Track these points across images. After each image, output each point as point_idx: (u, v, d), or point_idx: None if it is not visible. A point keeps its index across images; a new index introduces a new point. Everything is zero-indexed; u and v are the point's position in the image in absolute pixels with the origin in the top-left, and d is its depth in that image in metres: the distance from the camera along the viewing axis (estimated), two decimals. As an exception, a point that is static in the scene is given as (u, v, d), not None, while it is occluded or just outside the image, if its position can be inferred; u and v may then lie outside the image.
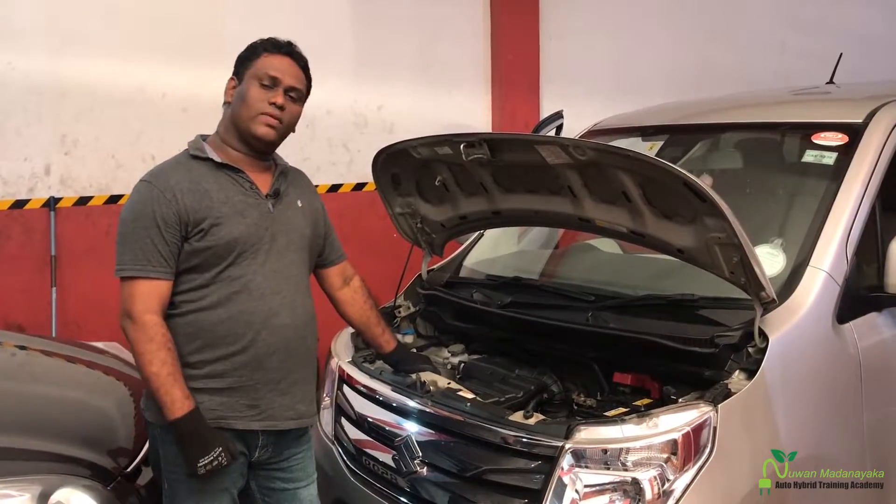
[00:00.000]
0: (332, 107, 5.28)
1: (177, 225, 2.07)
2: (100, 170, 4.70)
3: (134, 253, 2.06)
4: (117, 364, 3.07)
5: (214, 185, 2.12)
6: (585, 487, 2.03)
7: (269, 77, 2.14)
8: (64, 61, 4.53)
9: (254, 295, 2.12)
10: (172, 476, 2.17)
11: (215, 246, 2.09)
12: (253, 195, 2.17)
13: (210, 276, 2.10)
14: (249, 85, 2.15)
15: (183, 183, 2.10)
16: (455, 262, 3.22)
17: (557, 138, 2.73)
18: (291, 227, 2.22)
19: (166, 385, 2.02)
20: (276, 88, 2.15)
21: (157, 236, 2.05)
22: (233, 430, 2.14)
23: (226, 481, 2.16)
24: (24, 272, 4.52)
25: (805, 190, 2.71)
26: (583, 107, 4.80)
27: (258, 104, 2.14)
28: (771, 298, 2.10)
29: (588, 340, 2.43)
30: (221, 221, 2.09)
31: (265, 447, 2.22)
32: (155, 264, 2.06)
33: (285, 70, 2.17)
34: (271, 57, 2.17)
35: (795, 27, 7.00)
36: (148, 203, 2.07)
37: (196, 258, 2.09)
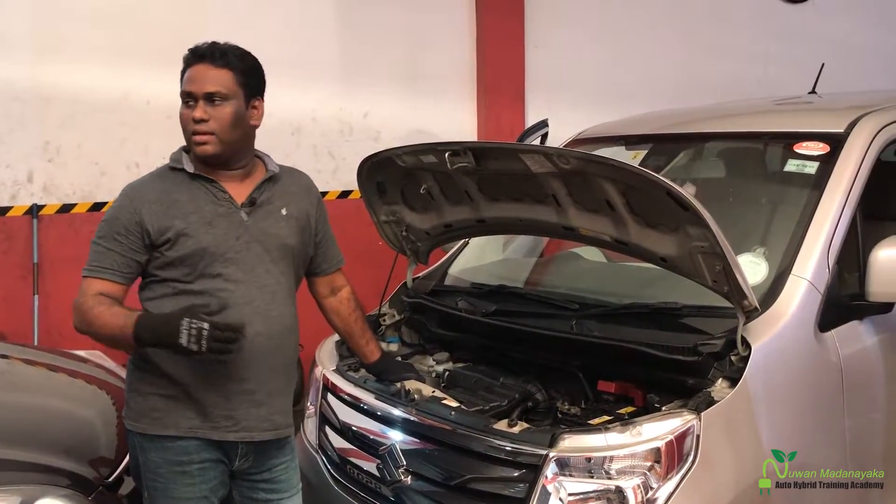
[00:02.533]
0: (318, 114, 5.28)
1: (136, 233, 2.09)
2: (83, 177, 4.67)
3: (92, 255, 2.13)
4: (100, 373, 3.04)
5: (186, 196, 2.13)
6: (569, 496, 2.03)
7: (185, 94, 2.12)
8: (47, 68, 4.50)
9: (224, 304, 2.09)
10: (152, 484, 2.16)
11: (183, 255, 2.09)
12: (226, 205, 2.15)
13: (181, 285, 2.11)
14: (181, 106, 2.14)
15: (153, 194, 2.12)
16: (440, 270, 3.22)
17: (541, 147, 2.75)
18: (268, 236, 2.19)
19: (112, 321, 2.03)
20: (195, 102, 2.11)
21: (112, 242, 2.10)
22: (206, 438, 2.13)
23: (205, 489, 2.16)
24: (7, 280, 4.48)
25: (787, 199, 2.73)
26: (568, 115, 4.83)
27: (187, 125, 2.13)
28: (753, 307, 2.12)
29: (572, 348, 2.44)
30: (188, 231, 2.10)
31: (245, 457, 2.20)
32: (107, 267, 2.10)
33: (198, 78, 2.10)
34: (188, 70, 2.13)
35: (779, 37, 7.07)
36: (115, 211, 2.14)
37: (166, 268, 2.11)
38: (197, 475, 2.14)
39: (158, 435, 2.12)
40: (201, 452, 2.14)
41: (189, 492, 2.14)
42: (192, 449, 2.13)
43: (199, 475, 2.15)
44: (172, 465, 2.13)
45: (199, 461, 2.14)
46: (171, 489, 2.13)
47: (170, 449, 2.12)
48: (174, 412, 2.11)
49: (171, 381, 2.11)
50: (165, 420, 2.12)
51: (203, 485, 2.15)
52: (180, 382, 2.11)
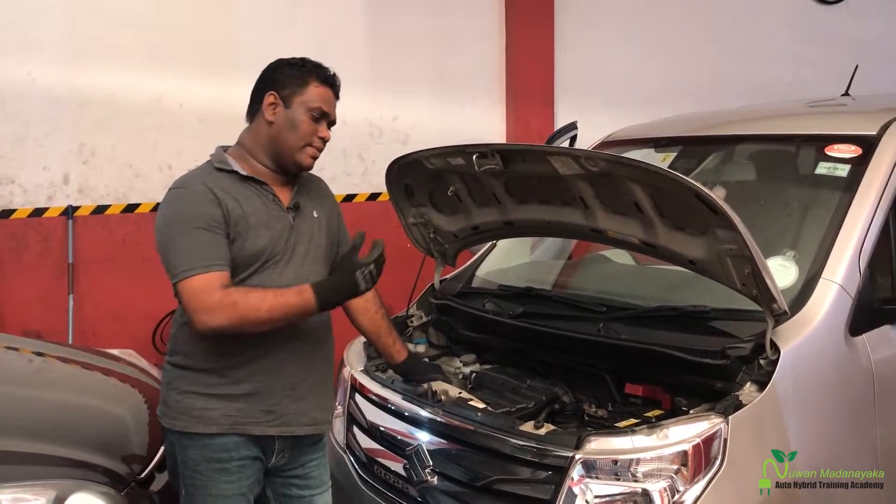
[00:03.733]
0: (348, 118, 5.26)
1: (223, 222, 2.09)
2: (117, 179, 4.75)
3: (189, 253, 2.05)
4: (132, 371, 3.09)
5: (241, 197, 2.15)
6: (595, 498, 2.03)
7: (320, 111, 2.20)
8: (82, 72, 4.59)
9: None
10: (190, 481, 2.19)
11: (241, 255, 2.12)
12: (276, 208, 2.20)
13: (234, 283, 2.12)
14: (299, 113, 2.18)
15: (219, 190, 2.12)
16: (467, 272, 3.23)
17: (570, 149, 2.74)
18: (309, 238, 2.25)
19: (285, 300, 2.05)
20: (323, 122, 2.22)
21: (208, 234, 2.06)
22: (249, 435, 2.16)
23: (243, 486, 2.19)
24: (42, 279, 4.57)
25: (818, 202, 2.70)
26: (597, 118, 4.81)
27: (309, 136, 2.19)
28: (783, 310, 2.10)
29: (600, 351, 2.43)
30: (248, 232, 2.12)
31: (281, 452, 2.24)
32: (214, 258, 2.05)
33: (332, 104, 2.24)
34: (321, 88, 2.21)
35: (811, 39, 6.98)
36: (195, 205, 2.08)
37: None
38: (236, 472, 2.17)
39: (198, 433, 2.15)
40: (240, 450, 2.17)
41: (227, 489, 2.17)
42: (231, 446, 2.16)
43: (238, 472, 2.18)
44: (212, 463, 2.16)
45: (238, 458, 2.17)
46: (210, 486, 2.16)
47: (209, 446, 2.15)
48: (214, 409, 2.14)
49: (215, 378, 2.14)
50: (206, 417, 2.14)
51: (241, 482, 2.19)
52: (224, 380, 2.14)
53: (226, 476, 2.17)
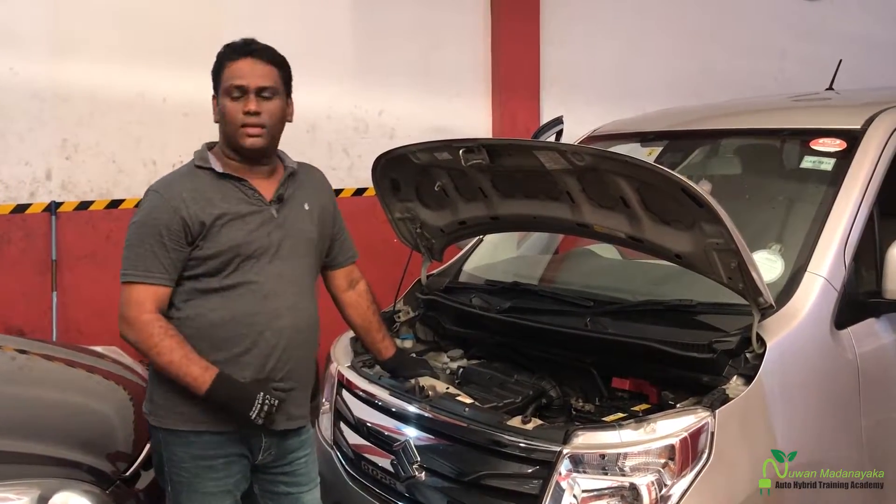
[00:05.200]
0: (333, 112, 5.29)
1: (181, 232, 2.10)
2: (101, 174, 4.70)
3: (136, 259, 2.10)
4: (117, 368, 3.07)
5: (217, 194, 2.15)
6: (583, 492, 2.03)
7: (235, 88, 2.13)
8: (65, 66, 4.54)
9: (256, 297, 2.14)
10: (177, 478, 2.18)
11: (218, 252, 2.12)
12: (256, 202, 2.18)
13: (214, 280, 2.13)
14: (223, 100, 2.15)
15: (186, 192, 2.13)
16: (454, 267, 3.23)
17: (556, 144, 2.74)
18: (296, 231, 2.23)
19: (182, 367, 2.06)
20: (246, 95, 2.13)
21: (158, 244, 2.09)
22: (233, 432, 2.16)
23: (229, 483, 2.19)
24: (25, 276, 4.52)
25: (803, 196, 2.72)
26: (583, 112, 4.82)
27: (235, 117, 2.14)
28: (769, 304, 2.11)
29: (587, 346, 2.44)
30: (223, 229, 2.12)
31: (268, 450, 2.23)
32: (153, 271, 2.10)
33: (248, 73, 2.14)
34: (233, 65, 2.14)
35: (796, 33, 7.02)
36: (153, 211, 2.12)
37: (201, 263, 2.13)
38: (222, 469, 2.17)
39: (184, 430, 2.15)
40: (226, 447, 2.17)
41: (213, 486, 2.17)
42: (216, 443, 2.16)
43: (224, 469, 2.18)
44: (198, 460, 2.16)
45: (224, 455, 2.17)
46: (195, 483, 2.16)
47: (195, 444, 2.15)
48: (199, 406, 2.12)
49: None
50: (190, 415, 2.14)
51: (227, 479, 2.18)
52: None
53: (212, 473, 2.16)
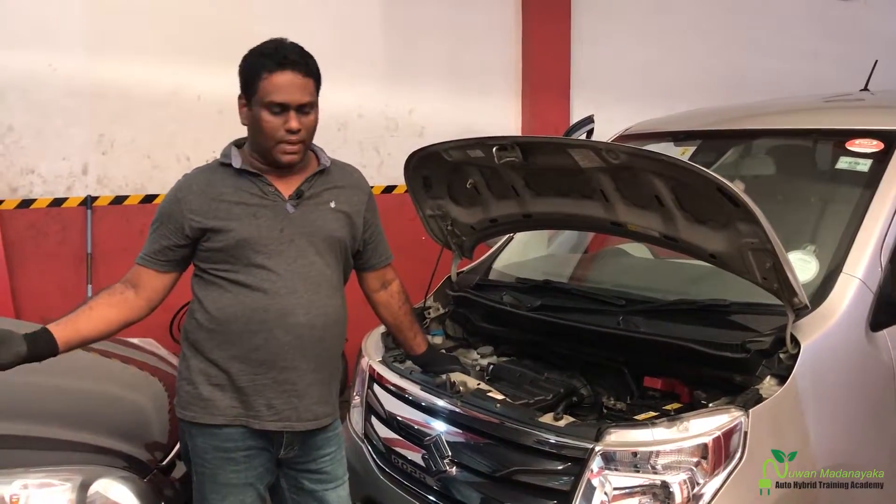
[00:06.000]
0: (364, 110, 5.33)
1: (178, 223, 2.15)
2: (135, 170, 4.78)
3: (146, 243, 2.22)
4: (151, 359, 3.12)
5: (231, 189, 2.16)
6: (615, 490, 2.04)
7: (276, 104, 2.07)
8: (102, 63, 4.62)
9: (268, 294, 2.13)
10: (199, 469, 2.21)
11: (226, 246, 2.13)
12: (271, 198, 2.17)
13: (228, 274, 2.15)
14: (260, 112, 2.08)
15: (197, 186, 2.16)
16: (484, 264, 3.23)
17: (591, 142, 2.74)
18: (315, 229, 2.20)
19: (69, 315, 2.13)
20: (287, 112, 2.08)
21: (157, 231, 2.19)
22: (251, 426, 2.18)
23: (250, 476, 2.20)
24: (61, 269, 4.61)
25: (838, 197, 2.70)
26: (613, 112, 4.80)
27: (274, 133, 2.09)
28: (803, 304, 2.10)
29: (618, 344, 2.44)
30: (231, 224, 2.12)
31: (290, 446, 2.23)
32: (150, 255, 2.19)
33: (291, 89, 2.07)
34: (274, 76, 2.06)
35: (829, 34, 6.95)
36: (164, 201, 2.21)
37: (211, 258, 2.16)
38: (242, 462, 2.19)
39: (205, 423, 2.17)
40: (246, 440, 2.18)
41: (234, 478, 2.18)
42: (237, 436, 2.17)
43: (245, 462, 2.19)
44: (219, 452, 2.18)
45: (245, 448, 2.18)
46: (217, 475, 2.18)
47: (216, 436, 2.17)
48: (220, 400, 2.15)
49: (218, 370, 2.16)
50: (212, 408, 2.16)
51: (249, 471, 2.20)
52: (226, 372, 2.15)
53: (232, 465, 2.18)
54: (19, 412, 2.40)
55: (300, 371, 2.17)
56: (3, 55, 4.39)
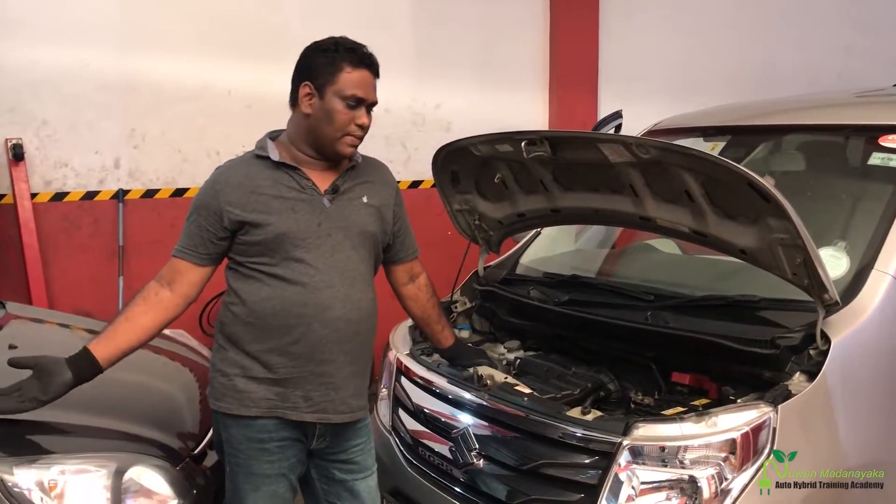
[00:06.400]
0: (391, 105, 5.34)
1: (217, 216, 2.16)
2: (166, 164, 4.85)
3: (181, 236, 2.22)
4: (183, 350, 3.17)
5: (268, 182, 2.18)
6: (642, 484, 2.04)
7: (355, 98, 2.15)
8: (134, 58, 4.68)
9: (306, 288, 2.16)
10: (233, 460, 2.24)
11: (265, 240, 2.15)
12: (308, 191, 2.20)
13: (266, 268, 2.17)
14: (334, 103, 2.15)
15: (236, 178, 2.18)
16: (511, 259, 3.24)
17: (620, 136, 2.74)
18: (350, 223, 2.23)
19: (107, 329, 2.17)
20: (360, 108, 2.17)
21: (195, 224, 2.19)
22: (288, 420, 2.20)
23: (283, 467, 2.23)
24: (94, 261, 4.69)
25: (870, 193, 2.67)
26: (642, 107, 4.78)
27: (345, 126, 2.16)
28: (834, 301, 2.09)
29: (646, 339, 2.44)
30: (269, 217, 2.15)
31: (322, 437, 2.26)
32: (183, 245, 2.20)
33: (368, 86, 2.18)
34: (354, 73, 2.15)
35: (861, 28, 6.84)
36: (201, 193, 2.23)
37: (249, 251, 2.17)
38: (276, 453, 2.22)
39: (240, 414, 2.20)
40: (280, 431, 2.21)
41: (268, 469, 2.21)
42: (271, 427, 2.20)
43: (279, 453, 2.22)
44: (253, 443, 2.20)
45: (279, 439, 2.21)
46: (251, 465, 2.21)
47: (251, 427, 2.20)
48: (255, 392, 2.18)
49: (255, 362, 2.18)
50: (247, 400, 2.19)
51: (282, 462, 2.23)
52: (263, 364, 2.18)
53: (266, 456, 2.21)
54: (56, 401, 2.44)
55: (337, 364, 2.20)
56: (38, 50, 4.46)
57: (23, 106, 4.50)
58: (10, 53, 4.43)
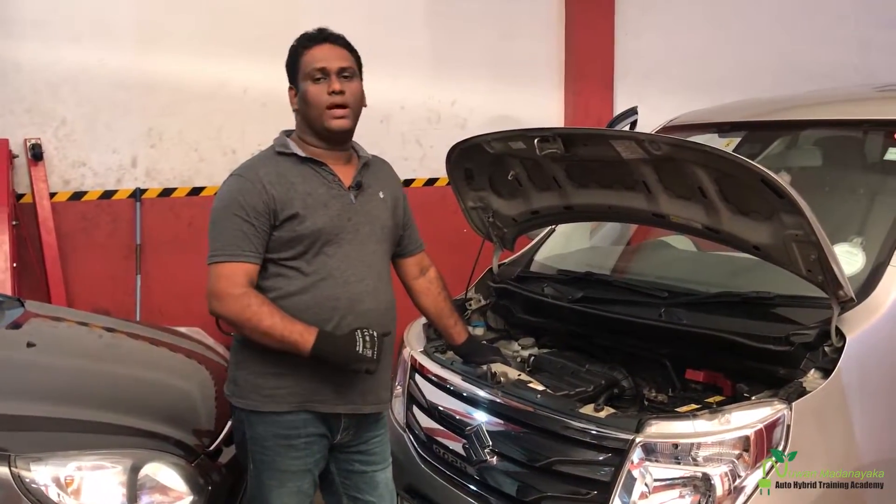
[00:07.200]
0: (406, 102, 5.36)
1: (266, 213, 2.15)
2: (183, 162, 4.88)
3: (223, 240, 2.15)
4: (199, 348, 3.19)
5: (299, 178, 2.20)
6: (655, 481, 2.03)
7: (317, 70, 2.19)
8: (151, 58, 4.73)
9: (338, 282, 2.19)
10: (259, 457, 2.25)
11: (300, 235, 2.17)
12: (336, 187, 2.23)
13: (297, 263, 2.18)
14: (305, 86, 2.20)
15: (271, 175, 2.18)
16: (526, 256, 3.24)
17: (632, 133, 2.73)
18: (373, 218, 2.28)
19: (287, 327, 2.10)
20: (329, 77, 2.19)
21: (244, 223, 2.14)
22: (317, 413, 2.22)
23: (309, 462, 2.25)
24: (111, 259, 4.73)
25: (887, 188, 2.65)
26: (657, 103, 4.76)
27: (320, 99, 2.19)
28: (849, 297, 2.07)
29: (660, 337, 2.43)
30: (306, 213, 2.17)
31: (347, 429, 2.29)
32: (243, 248, 2.14)
33: (328, 56, 2.21)
34: (311, 51, 2.21)
35: (881, 22, 6.77)
36: (237, 193, 2.17)
37: (283, 247, 2.18)
38: (303, 448, 2.23)
39: (267, 411, 2.20)
40: (308, 427, 2.23)
41: (294, 464, 2.23)
42: (299, 423, 2.21)
43: (305, 448, 2.24)
44: (279, 439, 2.21)
45: (306, 435, 2.23)
46: (276, 461, 2.22)
47: (278, 423, 2.21)
48: (284, 388, 2.19)
49: (281, 358, 2.17)
50: (276, 396, 2.19)
51: (308, 458, 2.25)
52: (290, 359, 2.17)
53: (293, 452, 2.22)
54: (73, 397, 2.47)
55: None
56: (56, 51, 4.51)
57: (41, 106, 4.55)
58: (29, 54, 4.48)
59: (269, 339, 2.12)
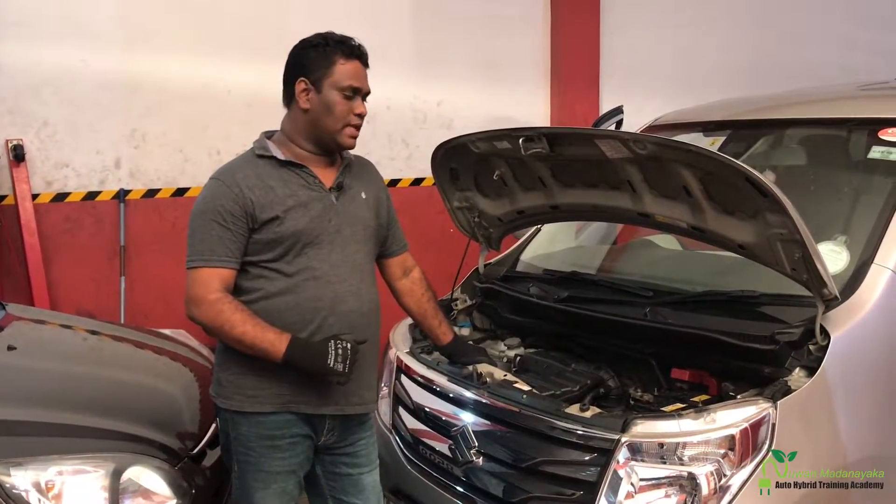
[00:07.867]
0: (392, 103, 5.34)
1: (243, 217, 2.14)
2: (167, 163, 4.85)
3: (200, 245, 2.15)
4: (183, 350, 3.17)
5: (278, 182, 2.19)
6: (641, 481, 2.03)
7: (351, 89, 2.19)
8: (134, 58, 4.69)
9: (321, 282, 2.19)
10: (242, 458, 2.24)
11: (280, 237, 2.16)
12: (317, 189, 2.22)
13: (277, 265, 2.18)
14: (331, 95, 2.18)
15: (250, 179, 2.17)
16: (512, 256, 3.24)
17: (618, 132, 2.73)
18: (356, 219, 2.28)
19: (258, 335, 2.10)
20: (357, 98, 2.21)
21: (221, 228, 2.13)
22: (300, 413, 2.21)
23: (293, 463, 2.24)
24: (95, 261, 4.69)
25: (871, 187, 2.65)
26: (643, 102, 4.78)
27: (345, 116, 2.20)
28: (833, 296, 2.07)
29: (646, 336, 2.43)
30: (286, 215, 2.16)
31: (331, 431, 2.28)
32: (219, 254, 2.13)
33: (360, 76, 2.21)
34: (347, 64, 2.19)
35: (864, 22, 6.82)
36: (215, 198, 2.16)
37: (263, 249, 2.17)
38: (287, 449, 2.23)
39: (251, 412, 2.20)
40: (292, 427, 2.22)
41: (278, 465, 2.22)
42: (283, 424, 2.21)
43: (290, 449, 2.23)
44: (263, 440, 2.21)
45: (290, 436, 2.22)
46: (261, 463, 2.22)
47: (262, 424, 2.20)
48: (267, 389, 2.18)
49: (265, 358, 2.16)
50: (259, 396, 2.19)
51: (292, 459, 2.24)
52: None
53: (277, 453, 2.22)
54: (55, 401, 2.45)
55: None
56: (38, 51, 4.47)
57: (23, 107, 4.51)
58: (11, 54, 4.44)
59: (242, 346, 2.13)
